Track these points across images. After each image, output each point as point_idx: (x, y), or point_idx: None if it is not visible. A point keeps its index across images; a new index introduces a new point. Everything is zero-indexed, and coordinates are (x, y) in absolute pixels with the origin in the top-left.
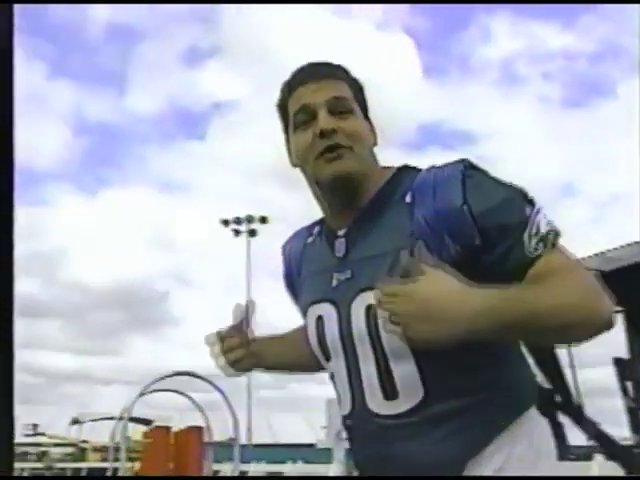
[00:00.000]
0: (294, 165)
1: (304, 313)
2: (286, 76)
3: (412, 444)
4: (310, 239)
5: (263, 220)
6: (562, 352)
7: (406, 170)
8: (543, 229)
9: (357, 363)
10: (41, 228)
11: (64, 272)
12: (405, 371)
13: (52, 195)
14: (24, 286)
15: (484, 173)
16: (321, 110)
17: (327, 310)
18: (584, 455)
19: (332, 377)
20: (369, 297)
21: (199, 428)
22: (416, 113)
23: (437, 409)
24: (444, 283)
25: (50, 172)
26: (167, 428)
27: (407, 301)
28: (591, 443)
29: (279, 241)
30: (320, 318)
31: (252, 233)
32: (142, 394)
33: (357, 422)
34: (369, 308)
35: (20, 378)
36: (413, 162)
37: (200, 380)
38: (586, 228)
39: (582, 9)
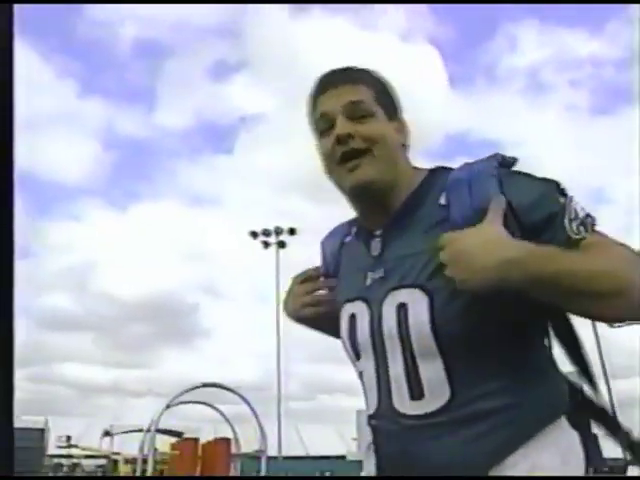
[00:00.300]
0: (325, 173)
1: (339, 311)
2: (311, 89)
3: (436, 445)
4: (348, 238)
5: (292, 232)
6: (595, 362)
7: (439, 171)
8: (581, 214)
9: (386, 362)
10: (72, 243)
11: (96, 286)
12: (432, 371)
13: (83, 210)
14: (57, 300)
15: (516, 167)
16: (338, 116)
17: (360, 308)
18: (620, 468)
19: (360, 376)
20: (400, 295)
21: (227, 440)
22: (443, 123)
23: (463, 411)
24: (483, 233)
25: (81, 187)
26: (195, 440)
27: (448, 248)
28: (627, 455)
29: (308, 252)
30: (353, 316)
31: (281, 245)
32: (169, 406)
33: (382, 422)
34: (400, 307)
35: (53, 390)
36: None
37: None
38: (618, 235)
39: (609, 15)
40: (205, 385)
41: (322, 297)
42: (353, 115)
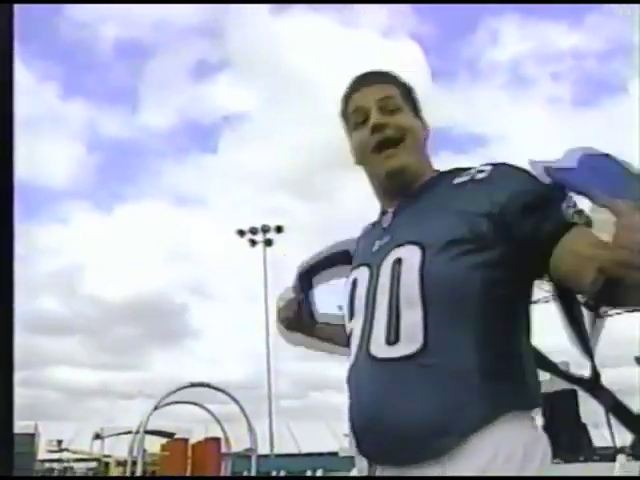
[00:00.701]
0: (357, 163)
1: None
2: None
3: (404, 390)
4: (367, 228)
5: (279, 229)
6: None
7: (454, 169)
8: (579, 206)
9: (373, 313)
10: (59, 246)
11: (83, 288)
12: (411, 318)
13: (68, 213)
14: (44, 303)
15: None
16: (372, 109)
17: (362, 272)
18: (609, 456)
19: (349, 337)
20: (400, 251)
21: (217, 439)
22: (427, 118)
23: (434, 361)
24: None
25: (66, 190)
26: (185, 440)
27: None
28: (615, 444)
29: (295, 249)
30: (355, 281)
31: (268, 243)
32: (157, 407)
33: (356, 369)
34: (396, 262)
35: (43, 394)
36: None
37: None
38: (603, 227)
39: (588, 8)
40: (193, 385)
41: (290, 315)
42: (385, 109)
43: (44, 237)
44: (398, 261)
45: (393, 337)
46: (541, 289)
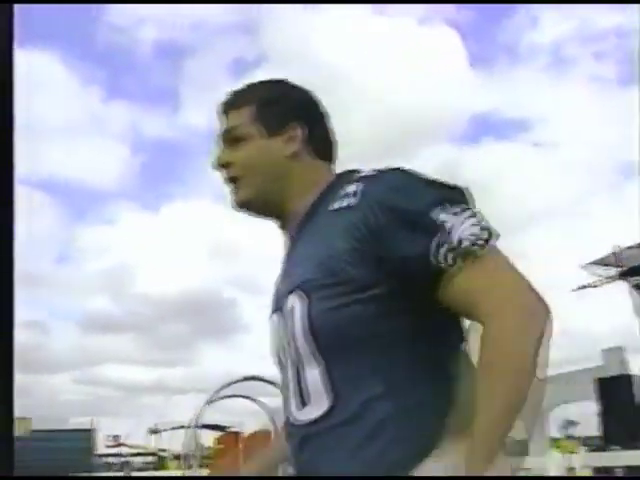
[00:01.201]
0: None
1: None
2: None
3: (322, 456)
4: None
5: None
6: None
7: (344, 175)
8: (455, 241)
9: (286, 372)
10: (108, 246)
11: (134, 287)
12: (315, 376)
13: (116, 214)
14: (96, 303)
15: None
16: (218, 144)
17: (275, 320)
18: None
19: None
20: (291, 299)
21: (268, 432)
22: (467, 105)
23: (343, 420)
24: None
25: (112, 191)
26: (236, 433)
27: None
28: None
29: None
30: (273, 329)
31: None
32: (209, 402)
33: (286, 431)
34: (291, 311)
35: (98, 391)
36: (468, 154)
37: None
38: None
39: None
40: (245, 379)
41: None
42: (229, 141)
43: (94, 238)
44: (291, 311)
45: (302, 400)
46: (587, 273)
